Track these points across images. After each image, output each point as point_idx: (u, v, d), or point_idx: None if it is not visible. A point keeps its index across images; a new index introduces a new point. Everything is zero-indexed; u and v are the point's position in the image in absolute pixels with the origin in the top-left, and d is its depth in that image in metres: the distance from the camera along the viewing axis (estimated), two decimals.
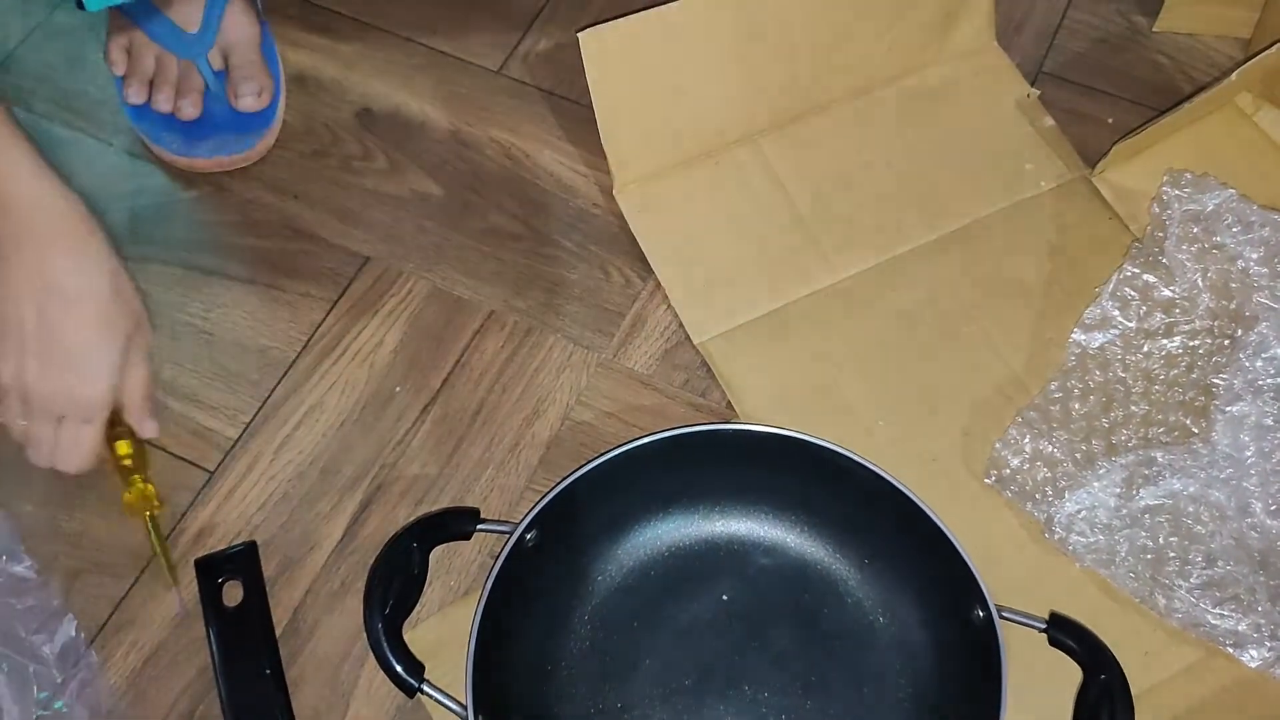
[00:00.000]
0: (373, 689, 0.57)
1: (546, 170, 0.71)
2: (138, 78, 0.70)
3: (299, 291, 0.67)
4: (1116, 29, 0.76)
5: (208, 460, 0.62)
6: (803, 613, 0.57)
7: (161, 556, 0.58)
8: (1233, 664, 0.56)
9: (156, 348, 0.65)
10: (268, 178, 0.71)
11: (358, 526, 0.61)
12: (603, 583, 0.58)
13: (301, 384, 0.65)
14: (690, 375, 0.65)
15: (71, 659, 0.57)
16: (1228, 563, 0.56)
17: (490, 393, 0.64)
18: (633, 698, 0.56)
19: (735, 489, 0.59)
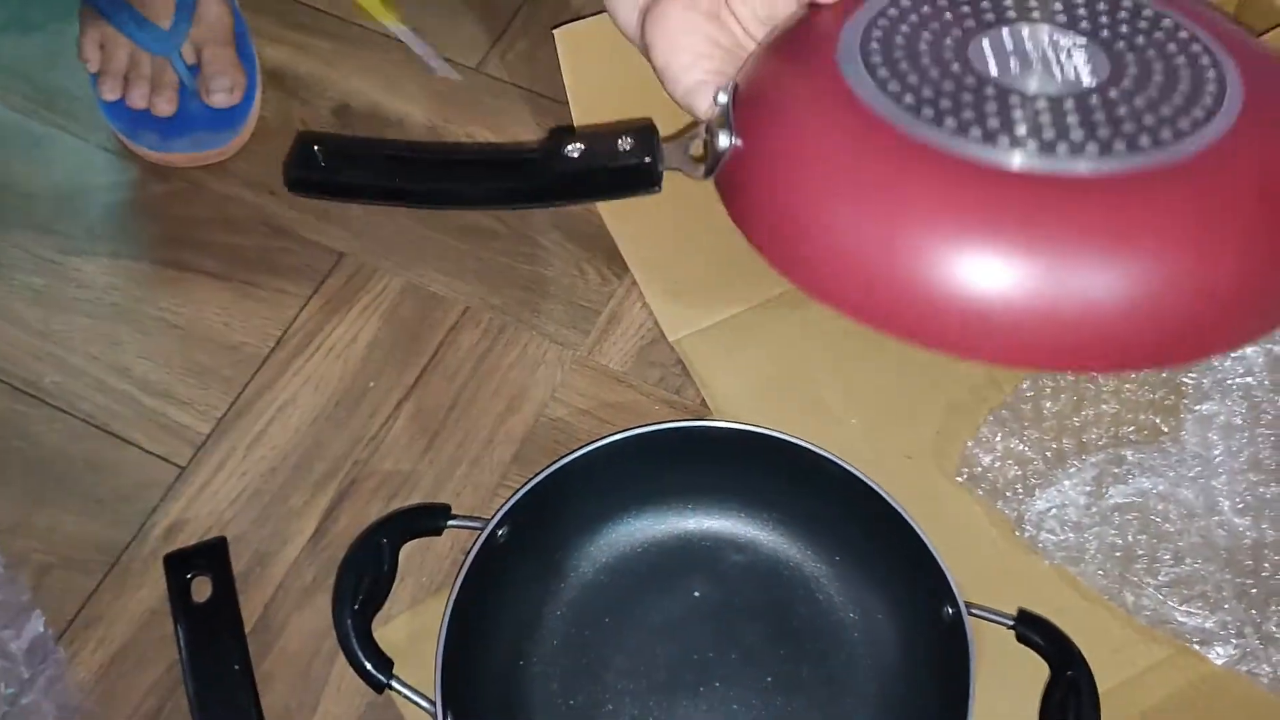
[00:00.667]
0: (343, 686, 0.57)
1: None
2: (111, 74, 0.70)
3: (273, 287, 0.67)
4: None
5: (179, 456, 0.62)
6: (774, 609, 0.57)
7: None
8: (1200, 661, 0.56)
9: (129, 342, 0.66)
10: (244, 174, 0.71)
11: (330, 523, 0.61)
12: (575, 579, 0.58)
13: (275, 380, 0.64)
14: (665, 373, 0.65)
15: (39, 655, 0.57)
16: (1195, 560, 0.57)
17: (465, 389, 0.64)
18: (604, 694, 0.56)
19: (709, 486, 0.59)
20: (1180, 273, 0.43)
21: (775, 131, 0.47)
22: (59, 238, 0.69)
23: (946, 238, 0.43)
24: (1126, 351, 0.45)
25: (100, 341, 0.66)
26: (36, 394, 0.64)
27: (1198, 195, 0.43)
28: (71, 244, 0.69)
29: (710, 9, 0.55)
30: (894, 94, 0.45)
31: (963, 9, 0.49)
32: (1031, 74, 0.46)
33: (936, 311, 0.43)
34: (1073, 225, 0.42)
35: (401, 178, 0.56)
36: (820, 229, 0.45)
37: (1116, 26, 0.48)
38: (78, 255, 0.68)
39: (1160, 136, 0.43)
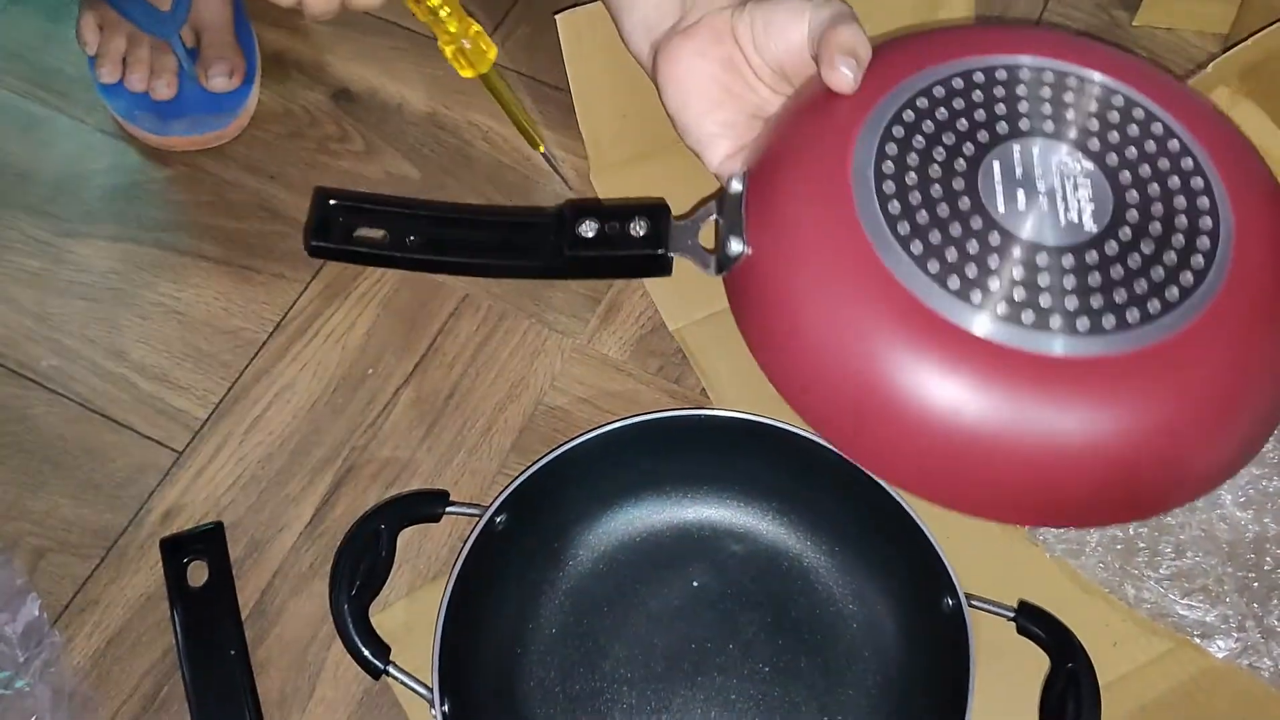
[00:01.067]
0: (339, 671, 0.57)
1: (524, 154, 0.71)
2: (110, 57, 0.70)
3: (272, 272, 0.67)
4: (1097, 22, 0.76)
5: (176, 440, 0.62)
6: (773, 600, 0.57)
7: (517, 113, 0.52)
8: (1200, 654, 0.56)
9: (127, 326, 0.65)
10: (243, 158, 0.70)
11: (327, 509, 0.60)
12: (573, 567, 0.58)
13: (273, 365, 0.64)
14: (665, 361, 0.65)
15: (34, 638, 0.56)
16: (1197, 554, 0.56)
17: (463, 377, 0.64)
18: (602, 683, 0.56)
19: (708, 475, 0.59)
20: (1148, 451, 0.45)
21: (781, 255, 0.48)
22: (55, 220, 0.68)
23: (930, 401, 0.44)
24: (1074, 517, 0.49)
25: (97, 325, 0.65)
26: (33, 377, 0.64)
27: (1175, 380, 0.44)
28: (68, 226, 0.68)
29: (723, 55, 0.54)
30: (902, 237, 0.45)
31: (981, 115, 0.49)
32: (1036, 212, 0.47)
33: (901, 459, 0.47)
34: (1046, 403, 0.44)
35: (416, 245, 0.56)
36: (808, 365, 0.47)
37: (1125, 149, 0.49)
38: (74, 238, 0.68)
39: (1144, 310, 0.44)
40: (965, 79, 0.50)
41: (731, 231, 0.51)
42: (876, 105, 0.49)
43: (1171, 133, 0.49)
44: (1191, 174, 0.48)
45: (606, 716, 0.55)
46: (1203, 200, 0.47)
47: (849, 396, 0.46)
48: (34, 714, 0.55)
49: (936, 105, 0.49)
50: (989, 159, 0.48)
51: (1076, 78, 0.51)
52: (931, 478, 0.47)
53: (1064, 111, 0.50)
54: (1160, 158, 0.49)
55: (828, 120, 0.50)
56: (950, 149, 0.48)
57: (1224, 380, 0.45)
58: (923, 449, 0.46)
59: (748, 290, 0.50)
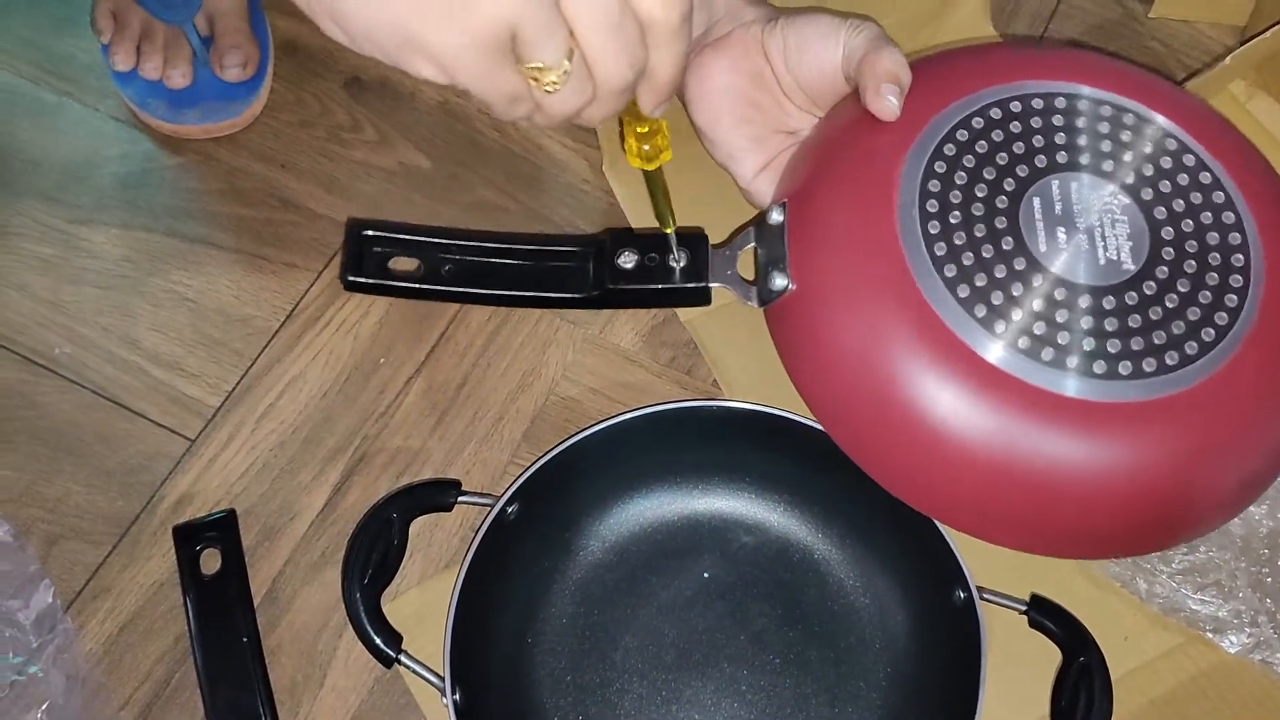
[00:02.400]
0: (350, 660, 0.57)
1: (536, 145, 0.71)
2: (124, 44, 0.70)
3: (284, 261, 0.67)
4: (1111, 15, 0.76)
5: (189, 428, 0.62)
6: (784, 591, 0.57)
7: (663, 203, 0.52)
8: (1212, 649, 0.56)
9: (139, 314, 0.65)
10: (255, 146, 0.70)
11: (339, 497, 0.60)
12: (584, 558, 0.58)
13: (285, 354, 0.64)
14: (677, 352, 0.64)
15: (47, 625, 0.57)
16: (1209, 549, 0.56)
17: (475, 366, 0.64)
18: (612, 673, 0.56)
19: (719, 466, 0.59)
20: (1148, 497, 0.47)
21: (827, 295, 0.49)
22: (68, 207, 0.68)
23: (961, 433, 0.46)
24: (1076, 549, 0.51)
25: (110, 312, 0.65)
26: (46, 364, 0.64)
27: (1187, 432, 0.46)
28: (81, 214, 0.68)
29: (753, 70, 0.54)
30: (949, 279, 0.46)
31: (1021, 147, 0.50)
32: (1075, 249, 0.48)
33: (928, 489, 0.49)
34: (1054, 439, 0.45)
35: (451, 276, 0.57)
36: (851, 398, 0.49)
37: (1159, 184, 0.49)
38: (87, 225, 0.68)
39: (1162, 360, 0.45)
40: (1003, 109, 0.50)
41: (774, 265, 0.51)
42: (919, 137, 0.49)
43: (1204, 166, 0.50)
44: (1223, 209, 0.49)
45: (616, 706, 0.55)
46: (1234, 237, 0.48)
47: (885, 431, 0.48)
48: (47, 700, 0.55)
49: (977, 137, 0.49)
50: (1030, 194, 0.49)
51: (1111, 107, 0.51)
52: (952, 504, 0.49)
53: (1100, 144, 0.50)
54: (1193, 192, 0.49)
55: (870, 153, 0.50)
56: (992, 184, 0.49)
57: (1236, 432, 0.46)
58: (941, 475, 0.48)
59: (792, 325, 0.51)
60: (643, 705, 0.55)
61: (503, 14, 0.36)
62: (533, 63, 0.37)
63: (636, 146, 0.47)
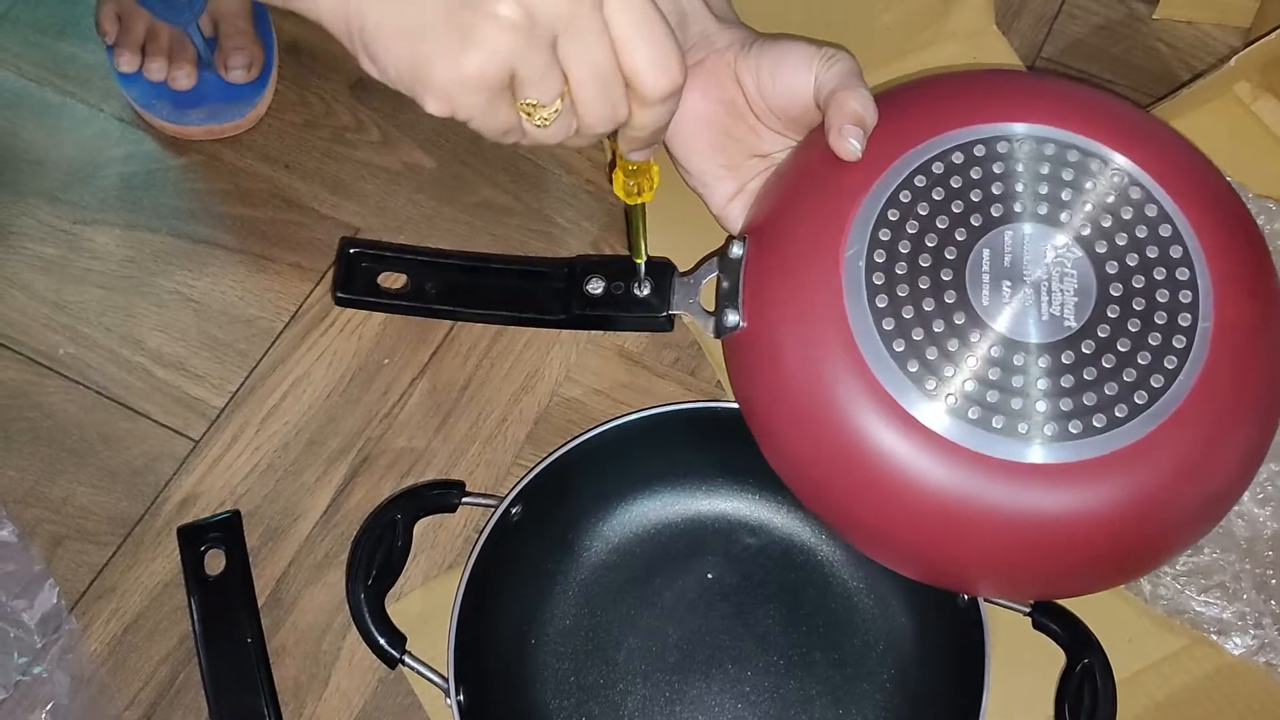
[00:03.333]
0: (354, 661, 0.57)
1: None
2: (129, 46, 0.70)
3: (288, 262, 0.67)
4: (1116, 15, 0.76)
5: (193, 429, 0.62)
6: (787, 593, 0.57)
7: (641, 236, 0.54)
8: (1216, 651, 0.56)
9: (143, 314, 0.65)
10: (259, 147, 0.70)
11: (342, 498, 0.60)
12: (587, 559, 0.58)
13: (289, 355, 0.64)
14: (680, 354, 0.64)
15: (52, 625, 0.57)
16: (1214, 550, 0.56)
17: (478, 368, 0.64)
18: (615, 674, 0.56)
19: (723, 467, 0.59)
20: (1108, 546, 0.47)
21: (770, 337, 0.50)
22: (72, 208, 0.68)
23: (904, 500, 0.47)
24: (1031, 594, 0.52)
25: (114, 313, 0.65)
26: (50, 364, 0.64)
27: (1136, 483, 0.46)
28: (84, 214, 0.68)
29: (725, 97, 0.54)
30: (886, 332, 0.47)
31: (977, 195, 0.49)
32: (1020, 306, 0.48)
33: (863, 535, 0.51)
34: (1011, 504, 0.46)
35: (434, 295, 0.61)
36: (788, 440, 0.50)
37: (1115, 235, 0.49)
38: (90, 225, 0.68)
39: (1111, 415, 0.46)
40: (966, 153, 0.50)
41: (728, 302, 0.53)
42: (875, 183, 0.49)
43: (1165, 216, 0.49)
44: (1178, 264, 0.48)
45: (620, 707, 0.55)
46: (1185, 294, 0.48)
47: (825, 479, 0.49)
48: (51, 700, 0.55)
49: (935, 184, 0.49)
50: (981, 245, 0.49)
51: (1079, 151, 0.50)
52: (886, 552, 0.51)
53: (1061, 192, 0.49)
54: (1149, 245, 0.49)
55: (827, 195, 0.50)
56: (943, 233, 0.49)
57: (1183, 484, 0.47)
58: (872, 524, 0.49)
59: (739, 360, 0.52)
60: (646, 706, 0.55)
61: (504, 58, 0.39)
62: (528, 100, 0.41)
63: (623, 180, 0.49)
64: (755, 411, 0.52)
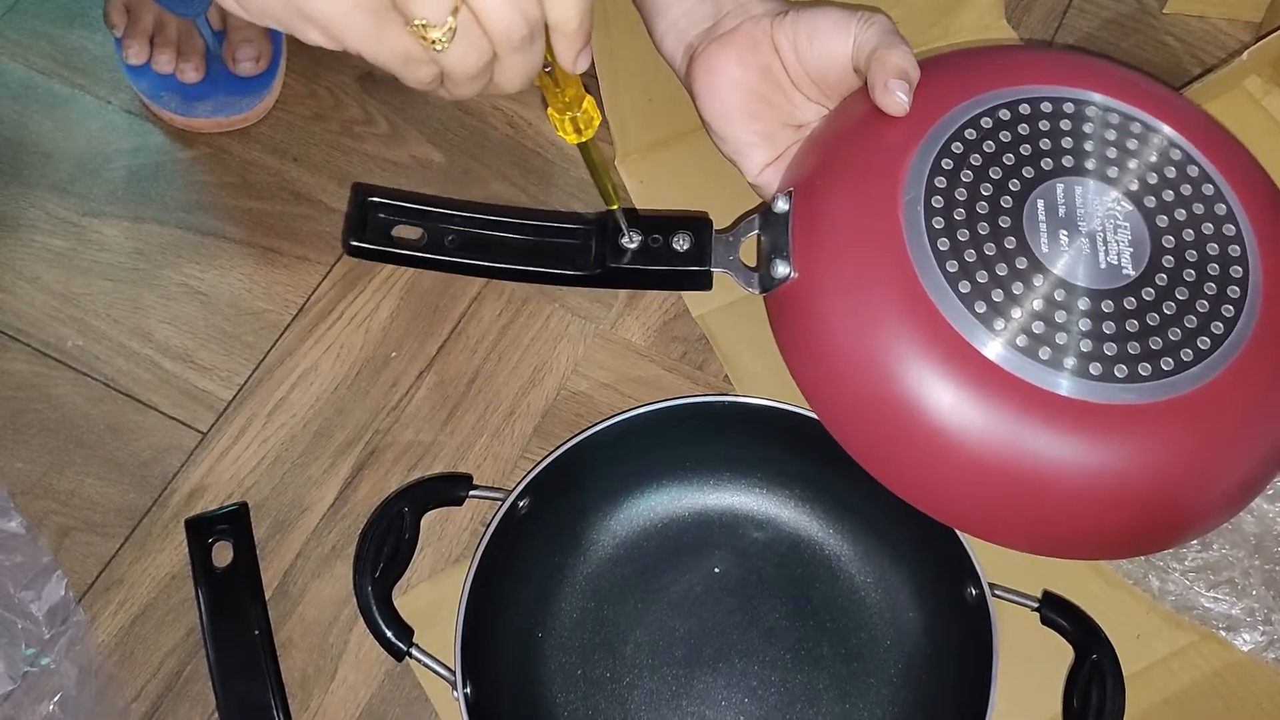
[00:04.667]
0: (361, 653, 0.57)
1: (549, 139, 0.71)
2: (137, 38, 0.70)
3: (296, 255, 0.67)
4: (1126, 9, 0.76)
5: (200, 421, 0.62)
6: (794, 587, 0.57)
7: (604, 177, 0.52)
8: (1225, 648, 0.55)
9: (151, 307, 0.65)
10: (267, 140, 0.70)
11: (350, 491, 0.60)
12: (595, 552, 0.58)
13: (296, 347, 0.64)
14: (688, 347, 0.64)
15: (60, 616, 0.57)
16: (1223, 546, 0.56)
17: (486, 361, 0.64)
18: (622, 668, 0.56)
19: (730, 461, 0.59)
20: (1144, 498, 0.47)
21: (829, 284, 0.49)
22: (80, 200, 0.68)
23: (950, 424, 0.46)
24: (1064, 549, 0.51)
25: (122, 305, 0.65)
26: (58, 356, 0.64)
27: (1184, 435, 0.46)
28: (92, 206, 0.68)
29: (761, 64, 0.54)
30: (950, 274, 0.47)
31: (1027, 149, 0.50)
32: (1076, 252, 0.48)
33: (922, 481, 0.49)
34: (1048, 437, 0.45)
35: (453, 247, 0.57)
36: (846, 389, 0.49)
37: (1163, 192, 0.50)
38: (99, 218, 0.68)
39: (1158, 365, 0.46)
40: (1012, 111, 0.51)
41: (776, 254, 0.51)
42: (927, 134, 0.50)
43: (1207, 177, 0.50)
44: (1224, 221, 0.50)
45: (626, 701, 0.55)
46: (1234, 249, 0.49)
47: (880, 422, 0.48)
48: (59, 691, 0.55)
49: (985, 137, 0.50)
50: (1034, 196, 0.49)
51: (1119, 114, 0.51)
52: (943, 499, 0.49)
53: (1106, 150, 0.50)
54: (1195, 203, 0.50)
55: (877, 147, 0.50)
56: (997, 184, 0.49)
57: (1228, 440, 0.47)
58: (936, 469, 0.48)
59: (792, 313, 0.51)
60: (653, 700, 0.55)
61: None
62: (416, 19, 0.37)
63: (561, 119, 0.47)
64: (809, 363, 0.51)
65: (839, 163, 0.51)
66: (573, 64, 0.42)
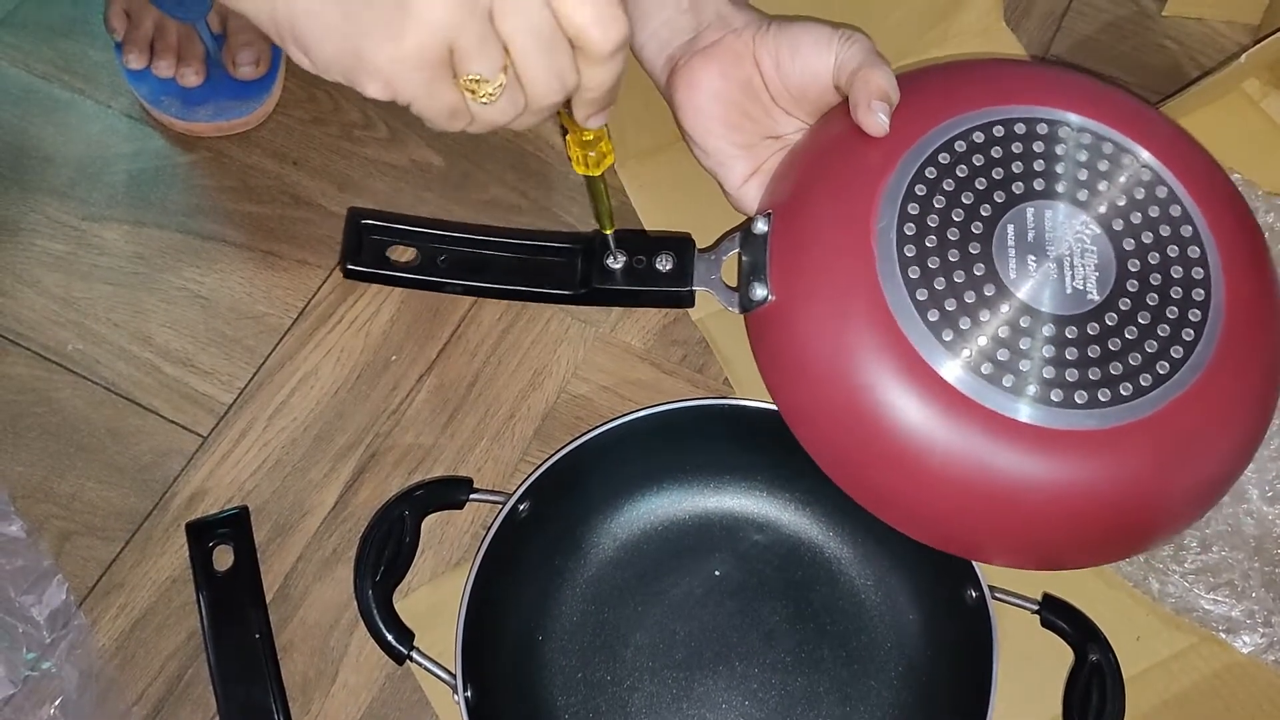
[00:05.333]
0: (362, 657, 0.57)
1: (548, 143, 0.71)
2: (137, 43, 0.70)
3: (296, 258, 0.67)
4: (1125, 12, 0.76)
5: (201, 425, 0.62)
6: (795, 590, 0.57)
7: (604, 206, 0.54)
8: (1224, 650, 0.56)
9: (151, 311, 0.66)
10: (267, 144, 0.70)
11: (350, 495, 0.61)
12: (595, 555, 0.58)
13: (297, 351, 0.64)
14: (688, 351, 0.64)
15: (61, 620, 0.57)
16: (1222, 548, 0.56)
17: (486, 364, 0.64)
18: (622, 671, 0.56)
19: (730, 464, 0.59)
20: (1099, 517, 0.48)
21: (803, 310, 0.51)
22: (80, 204, 0.69)
23: (925, 463, 0.47)
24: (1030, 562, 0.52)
25: (122, 309, 0.65)
26: (59, 360, 0.64)
27: (1140, 459, 0.47)
28: (93, 210, 0.68)
29: (743, 77, 0.54)
30: (920, 302, 0.48)
31: (1000, 173, 0.51)
32: (1043, 277, 0.49)
33: (894, 502, 0.50)
34: (1010, 462, 0.47)
35: (446, 267, 0.59)
36: (818, 409, 0.50)
37: (1130, 214, 0.50)
38: (99, 222, 0.68)
39: (1117, 391, 0.47)
40: (986, 133, 0.51)
41: (755, 275, 0.53)
42: (902, 158, 0.50)
43: (1175, 198, 0.51)
44: (1189, 243, 0.50)
45: (627, 704, 0.55)
46: (1197, 271, 0.49)
47: (851, 444, 0.50)
48: (60, 695, 0.55)
49: (958, 161, 0.51)
50: (1005, 221, 0.50)
51: (1092, 135, 0.52)
52: (915, 520, 0.51)
53: (1078, 173, 0.51)
54: (1162, 224, 0.50)
55: (854, 170, 0.51)
56: (969, 209, 0.50)
57: (1194, 455, 0.48)
58: (904, 490, 0.49)
59: (769, 334, 0.52)
60: (653, 703, 0.55)
61: (441, 30, 0.38)
62: (470, 75, 0.39)
63: (582, 155, 0.49)
64: (784, 383, 0.52)
65: (816, 186, 0.52)
66: (585, 122, 0.44)
